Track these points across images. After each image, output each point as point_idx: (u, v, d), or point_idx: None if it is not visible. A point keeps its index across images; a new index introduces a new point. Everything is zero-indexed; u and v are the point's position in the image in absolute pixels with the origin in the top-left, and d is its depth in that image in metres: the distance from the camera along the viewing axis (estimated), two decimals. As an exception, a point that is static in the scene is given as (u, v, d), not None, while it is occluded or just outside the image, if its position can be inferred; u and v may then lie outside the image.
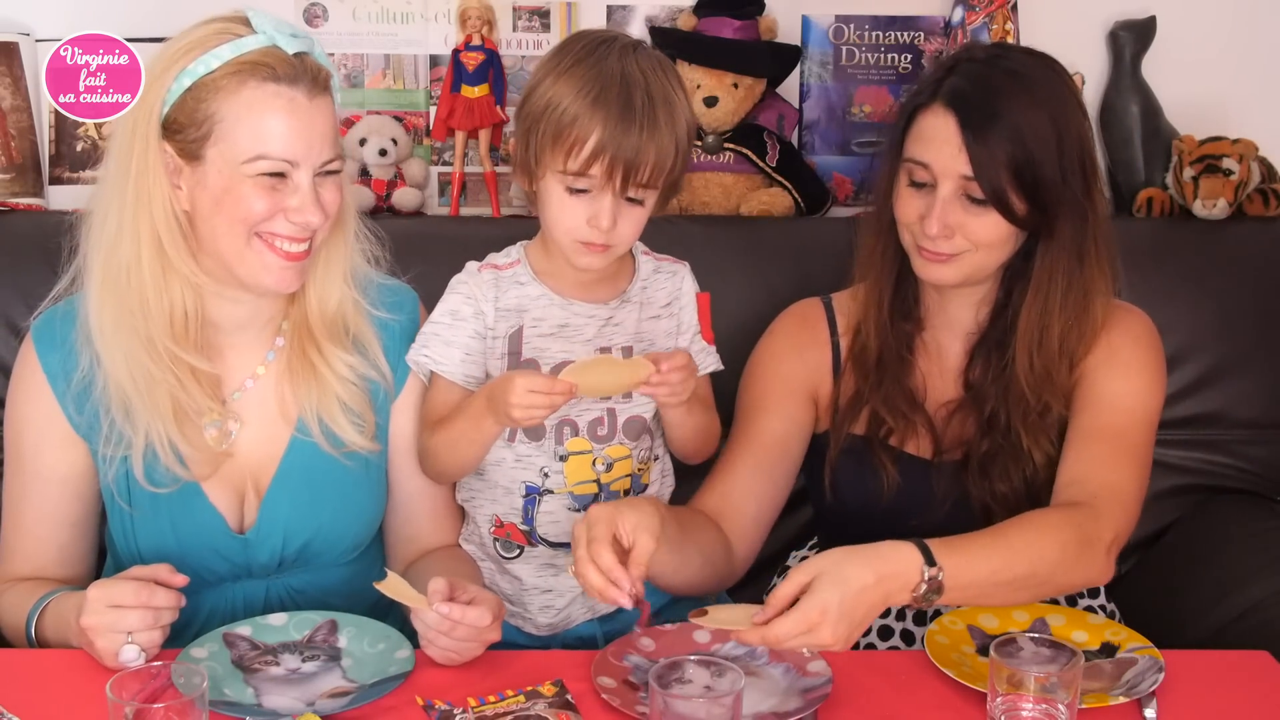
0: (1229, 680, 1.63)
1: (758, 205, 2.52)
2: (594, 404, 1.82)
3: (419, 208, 2.56)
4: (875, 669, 1.66)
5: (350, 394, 1.80)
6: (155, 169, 1.67)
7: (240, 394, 1.81)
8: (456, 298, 1.84)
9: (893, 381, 1.93)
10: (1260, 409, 2.41)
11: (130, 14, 2.29)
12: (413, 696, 1.56)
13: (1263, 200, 2.53)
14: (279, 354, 1.81)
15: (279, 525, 1.81)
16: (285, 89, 1.66)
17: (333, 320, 1.80)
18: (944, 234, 1.81)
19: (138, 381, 1.71)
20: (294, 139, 1.67)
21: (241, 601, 1.84)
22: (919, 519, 1.82)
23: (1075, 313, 1.86)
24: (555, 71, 1.71)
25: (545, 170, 1.72)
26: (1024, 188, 1.79)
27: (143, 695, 1.45)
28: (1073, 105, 1.85)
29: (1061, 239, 1.84)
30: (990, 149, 1.77)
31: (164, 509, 1.77)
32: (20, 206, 2.49)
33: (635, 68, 1.70)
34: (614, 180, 1.69)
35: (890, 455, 1.91)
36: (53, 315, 1.80)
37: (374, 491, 1.87)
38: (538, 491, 1.84)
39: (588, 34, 1.78)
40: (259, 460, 1.81)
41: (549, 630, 1.90)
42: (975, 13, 2.53)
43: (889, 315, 1.94)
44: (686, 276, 1.89)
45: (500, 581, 1.91)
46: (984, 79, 1.82)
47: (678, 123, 1.71)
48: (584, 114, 1.67)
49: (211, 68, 1.65)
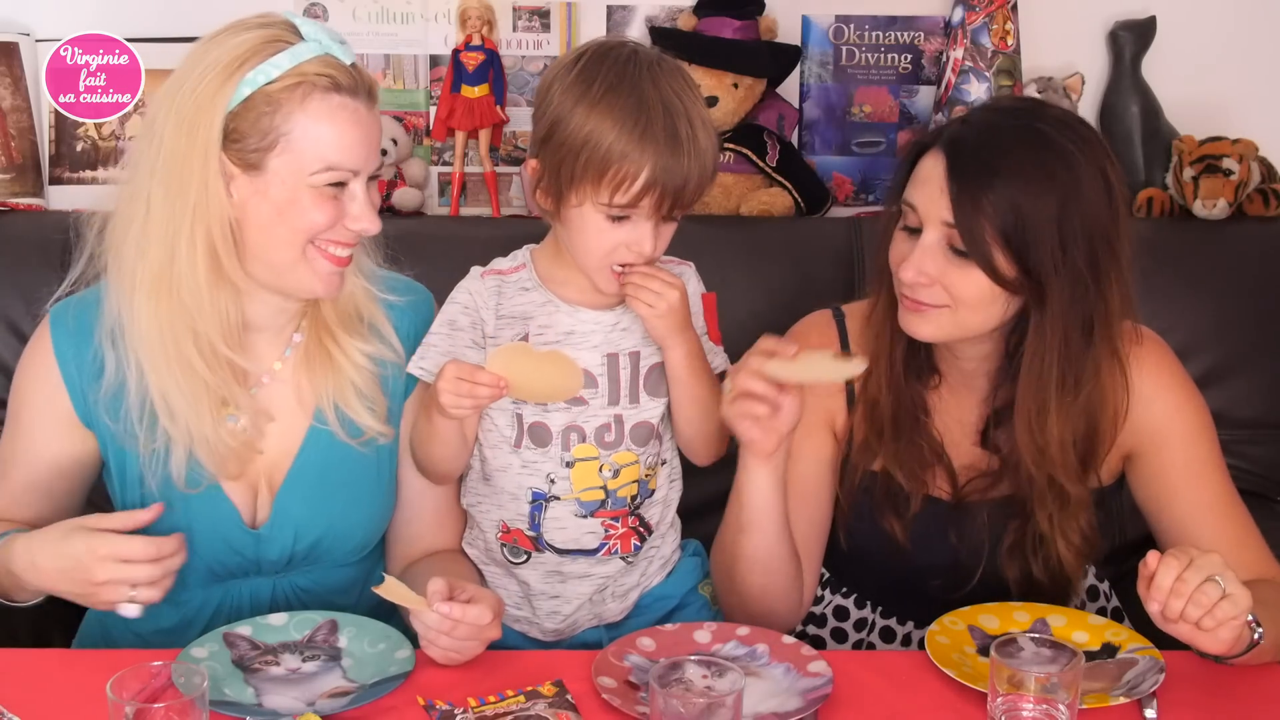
0: (1230, 681, 1.63)
1: (758, 205, 2.52)
2: (601, 409, 1.81)
3: (419, 208, 2.56)
4: (875, 669, 1.66)
5: (365, 380, 1.81)
6: (215, 178, 1.65)
7: (257, 389, 1.81)
8: (455, 307, 1.83)
9: (907, 443, 1.84)
10: (1260, 409, 2.42)
11: (130, 14, 2.29)
12: (413, 696, 1.56)
13: (1263, 200, 2.53)
14: (296, 349, 1.82)
15: (291, 521, 1.81)
16: (349, 100, 1.67)
17: (345, 309, 1.81)
18: (921, 281, 1.72)
19: (182, 384, 1.71)
20: (359, 149, 1.68)
21: (248, 599, 1.84)
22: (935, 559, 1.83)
23: (1077, 404, 1.76)
24: (587, 101, 1.67)
25: (584, 199, 1.70)
26: (1012, 250, 1.68)
27: (143, 695, 1.45)
28: (1092, 179, 1.70)
29: (1055, 314, 1.71)
30: (974, 197, 1.68)
31: (178, 500, 1.78)
32: (20, 206, 2.49)
33: (670, 91, 1.68)
34: (661, 209, 1.69)
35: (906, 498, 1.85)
36: (71, 304, 1.81)
37: (385, 489, 1.88)
38: (544, 498, 1.84)
39: (606, 50, 1.73)
40: (274, 456, 1.82)
41: (555, 636, 1.90)
42: (975, 13, 2.53)
43: (901, 371, 1.84)
44: (692, 277, 1.88)
45: (507, 587, 1.90)
46: (991, 128, 1.74)
47: (712, 138, 1.71)
48: (633, 151, 1.65)
49: (272, 77, 1.64)
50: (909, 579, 1.90)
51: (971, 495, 1.85)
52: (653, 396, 1.83)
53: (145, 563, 1.60)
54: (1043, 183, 1.68)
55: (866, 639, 2.00)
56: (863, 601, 2.00)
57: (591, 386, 1.80)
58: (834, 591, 2.02)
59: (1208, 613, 1.51)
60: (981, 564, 1.84)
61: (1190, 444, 1.82)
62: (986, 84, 2.53)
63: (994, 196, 1.67)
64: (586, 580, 1.86)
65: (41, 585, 1.68)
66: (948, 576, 1.85)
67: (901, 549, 1.85)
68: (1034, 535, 1.82)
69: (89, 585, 1.61)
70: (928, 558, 1.86)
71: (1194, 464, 1.81)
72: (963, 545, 1.84)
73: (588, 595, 1.87)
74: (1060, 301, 1.70)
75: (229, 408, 1.75)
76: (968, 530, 1.84)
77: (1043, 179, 1.68)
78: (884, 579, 1.95)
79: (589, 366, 1.79)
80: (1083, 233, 1.69)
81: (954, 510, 1.85)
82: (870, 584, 1.99)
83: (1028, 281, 1.70)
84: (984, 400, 1.85)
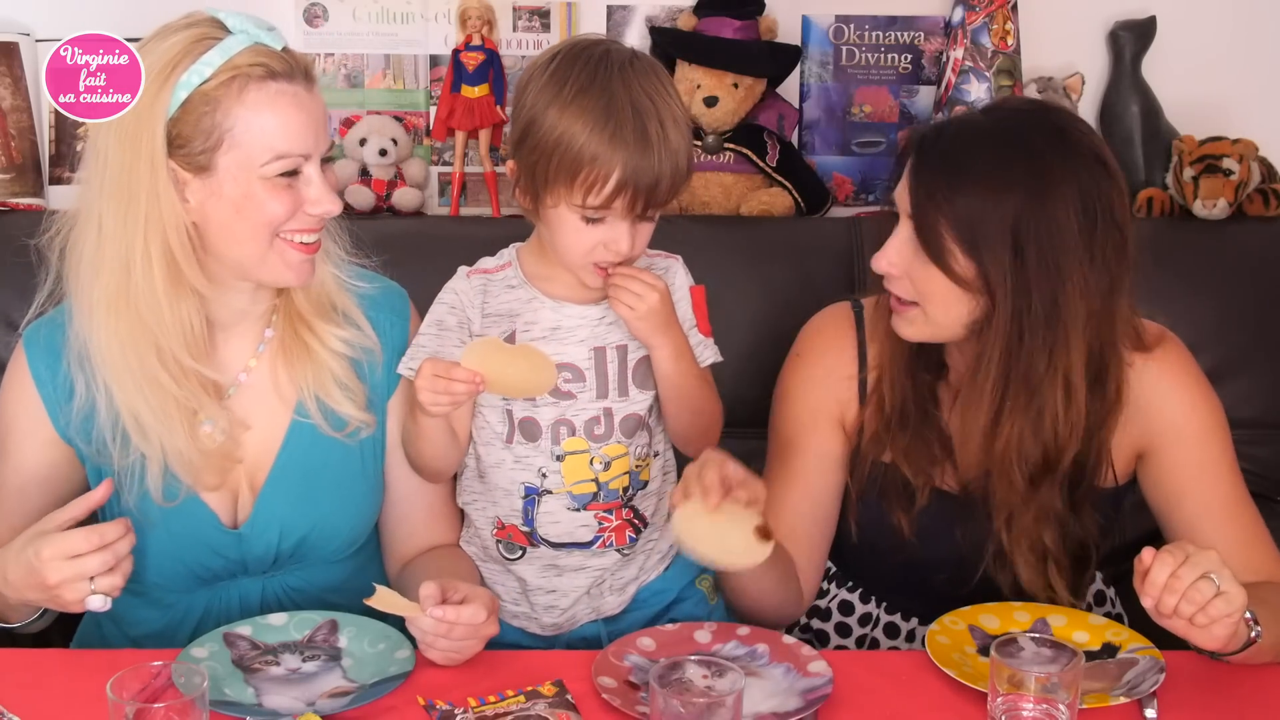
0: (1230, 681, 1.63)
1: (758, 205, 2.52)
2: (590, 403, 1.81)
3: (419, 208, 2.56)
4: (875, 669, 1.66)
5: (343, 367, 1.81)
6: (165, 189, 1.64)
7: (235, 389, 1.81)
8: (441, 308, 1.83)
9: (915, 436, 1.84)
10: (1260, 409, 2.41)
11: (130, 14, 2.28)
12: (413, 696, 1.56)
13: (1263, 200, 2.53)
14: (269, 343, 1.81)
15: (275, 520, 1.81)
16: (287, 85, 1.66)
17: (318, 298, 1.81)
18: (892, 273, 1.75)
19: (150, 400, 1.70)
20: (306, 133, 1.67)
21: (238, 600, 1.84)
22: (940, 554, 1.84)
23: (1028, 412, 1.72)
24: (559, 102, 1.68)
25: (559, 200, 1.71)
26: (966, 246, 1.67)
27: (143, 695, 1.45)
28: (1067, 188, 1.66)
29: (1000, 319, 1.69)
30: (931, 194, 1.68)
31: (155, 507, 1.77)
32: (20, 206, 2.49)
33: (640, 91, 1.68)
34: (635, 209, 1.70)
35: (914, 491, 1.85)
36: (42, 325, 1.81)
37: (370, 484, 1.87)
38: (536, 492, 1.84)
39: (579, 50, 1.73)
40: (255, 456, 1.81)
41: (554, 630, 1.90)
42: (975, 13, 2.53)
43: (911, 364, 1.84)
44: (679, 271, 1.88)
45: (505, 583, 1.91)
46: (966, 128, 1.74)
47: (685, 136, 1.71)
48: (602, 153, 1.66)
49: (205, 76, 1.63)
50: (914, 573, 1.90)
51: (977, 491, 1.84)
52: (641, 389, 1.83)
53: (92, 553, 1.59)
54: (1002, 188, 1.66)
55: (870, 634, 2.00)
56: (868, 596, 2.01)
57: (579, 380, 1.80)
58: (839, 586, 2.03)
59: (1201, 609, 1.51)
60: (984, 562, 1.84)
61: (1202, 443, 1.82)
62: (986, 84, 2.53)
63: (951, 195, 1.67)
64: (583, 573, 1.87)
65: (18, 598, 1.67)
66: (953, 572, 1.85)
67: (907, 542, 1.86)
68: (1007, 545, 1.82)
69: (47, 589, 1.60)
70: (933, 552, 1.86)
71: (1206, 464, 1.82)
72: (966, 541, 1.84)
73: (585, 589, 1.87)
74: (1006, 309, 1.68)
75: (201, 415, 1.74)
76: (971, 526, 1.84)
77: (1003, 184, 1.67)
78: (890, 572, 1.95)
79: (576, 360, 1.80)
80: (1047, 242, 1.66)
81: (960, 505, 1.85)
82: (876, 578, 2.00)
83: (981, 282, 1.69)
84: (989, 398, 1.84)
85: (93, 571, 1.59)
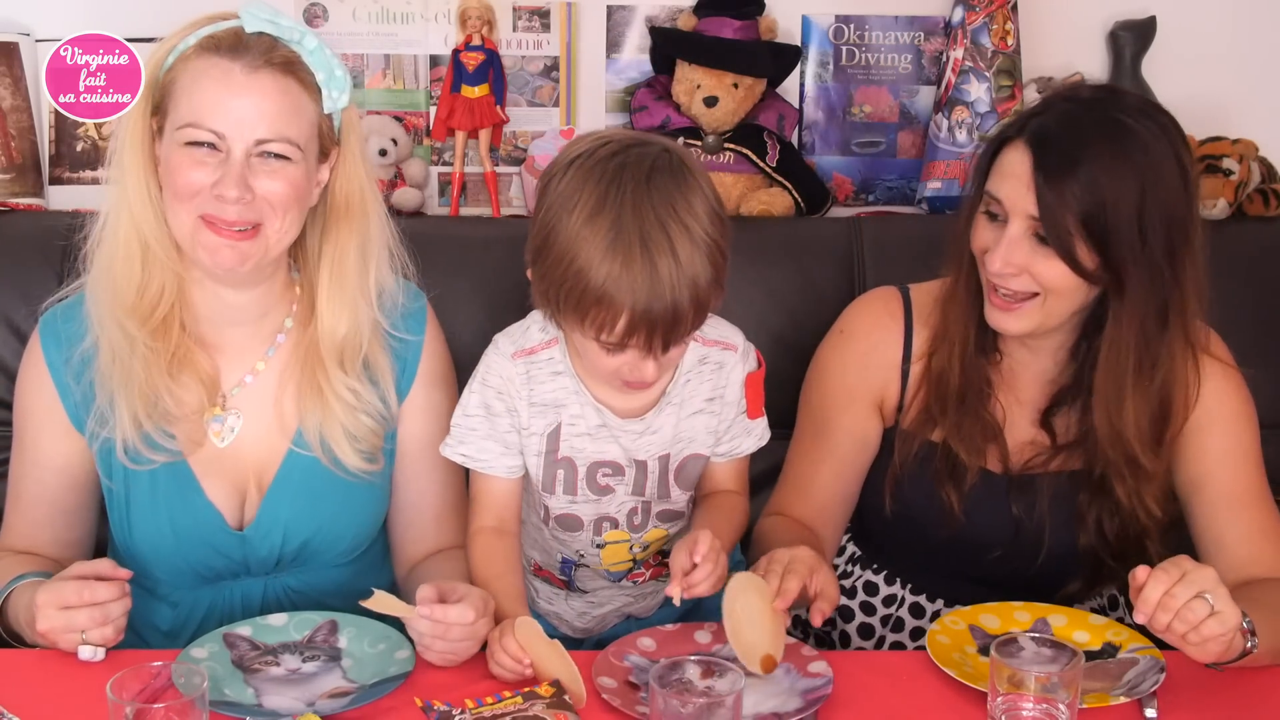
0: (1230, 681, 1.63)
1: (758, 205, 2.52)
2: (629, 497, 1.80)
3: (419, 208, 2.56)
4: (875, 669, 1.66)
5: (354, 421, 1.79)
6: (143, 152, 1.70)
7: (239, 389, 1.81)
8: (489, 392, 1.75)
9: (971, 416, 1.87)
10: (1260, 409, 2.40)
11: (130, 14, 2.29)
12: (412, 697, 1.56)
13: (1263, 200, 2.53)
14: (279, 351, 1.81)
15: (279, 523, 1.81)
16: (224, 60, 1.67)
17: (343, 345, 1.79)
18: (1009, 271, 1.76)
19: (119, 358, 1.73)
20: (223, 111, 1.66)
21: (239, 600, 1.84)
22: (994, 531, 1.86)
23: (1153, 387, 1.80)
24: (570, 225, 1.57)
25: (573, 329, 1.64)
26: (1094, 240, 1.71)
27: (143, 695, 1.45)
28: (1170, 167, 1.74)
29: (1133, 302, 1.76)
30: (1060, 193, 1.71)
31: (162, 504, 1.78)
32: (20, 206, 2.49)
33: (651, 215, 1.55)
34: (652, 346, 1.60)
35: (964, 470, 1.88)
36: (59, 309, 1.81)
37: (376, 495, 1.87)
38: (574, 564, 1.88)
39: (601, 157, 1.60)
40: (261, 458, 1.81)
41: (583, 634, 1.95)
42: (975, 13, 2.53)
43: (973, 348, 1.87)
44: (737, 365, 1.79)
45: (537, 586, 1.95)
46: (1074, 122, 1.75)
47: (707, 254, 1.58)
48: (608, 293, 1.55)
49: (189, 44, 1.68)
50: (957, 551, 1.92)
51: (1030, 470, 1.88)
52: (684, 490, 1.82)
53: (83, 608, 1.59)
54: (1124, 172, 1.71)
55: (895, 614, 2.02)
56: (892, 578, 2.03)
57: (619, 475, 1.78)
58: (864, 568, 2.05)
59: (1193, 629, 1.52)
60: (1046, 536, 1.87)
61: (1230, 431, 1.85)
62: (986, 84, 2.53)
63: (1077, 188, 1.71)
64: (618, 595, 1.92)
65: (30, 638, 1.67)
66: (1008, 548, 1.88)
67: (955, 520, 1.88)
68: (1109, 506, 1.86)
69: (41, 635, 1.61)
70: (985, 530, 1.89)
71: (1232, 451, 1.85)
72: (1027, 517, 1.87)
73: (618, 606, 1.92)
74: (1138, 290, 1.75)
75: (215, 408, 1.77)
76: (1029, 503, 1.87)
77: (1123, 168, 1.71)
78: (927, 550, 1.96)
79: (618, 460, 1.77)
80: (1161, 222, 1.72)
81: (1013, 484, 1.88)
82: (908, 557, 2.01)
83: (1107, 271, 1.74)
84: (1049, 381, 1.90)
85: (82, 626, 1.59)
